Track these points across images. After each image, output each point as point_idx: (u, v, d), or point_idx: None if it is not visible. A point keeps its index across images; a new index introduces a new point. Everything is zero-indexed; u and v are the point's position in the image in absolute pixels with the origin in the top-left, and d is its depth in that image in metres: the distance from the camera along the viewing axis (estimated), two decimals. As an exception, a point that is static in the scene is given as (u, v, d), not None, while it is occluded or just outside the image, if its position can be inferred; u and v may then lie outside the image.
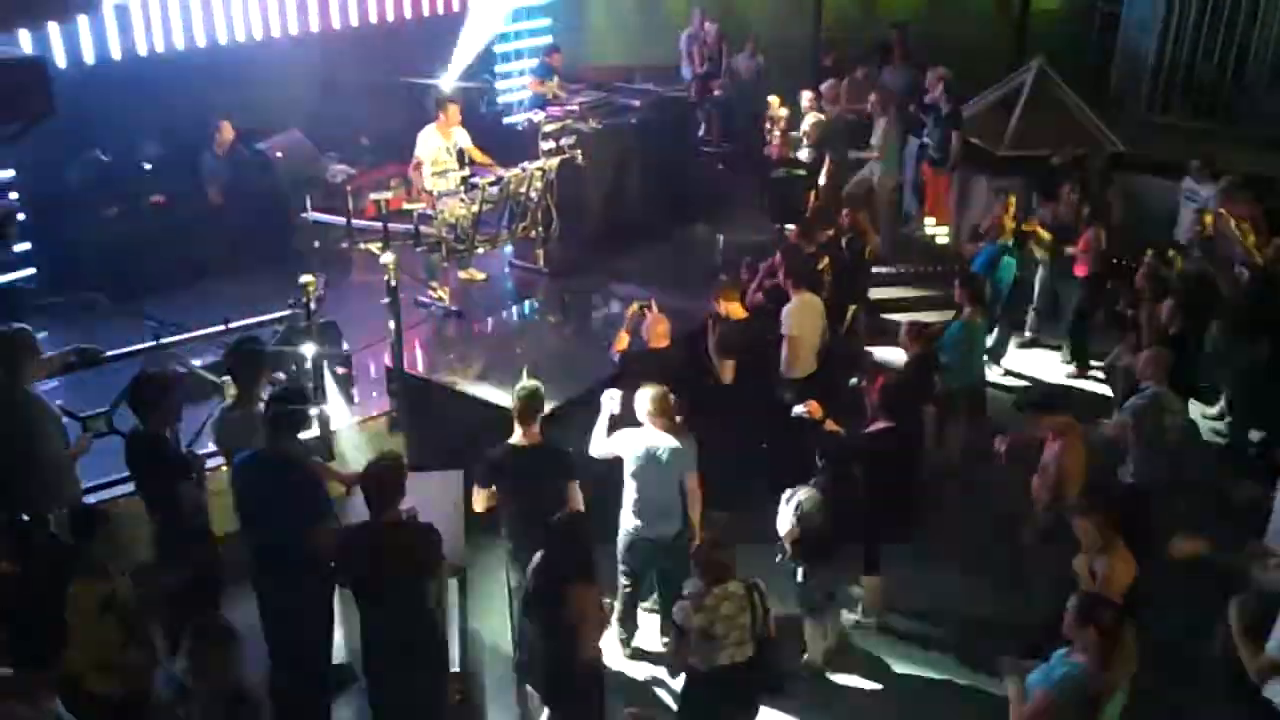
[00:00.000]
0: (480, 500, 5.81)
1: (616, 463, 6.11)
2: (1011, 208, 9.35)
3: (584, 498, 5.78)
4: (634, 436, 6.03)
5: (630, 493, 6.10)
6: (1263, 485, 6.68)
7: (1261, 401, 8.37)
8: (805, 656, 6.37)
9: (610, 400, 6.13)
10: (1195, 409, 8.30)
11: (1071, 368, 9.79)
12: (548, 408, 6.12)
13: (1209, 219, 9.01)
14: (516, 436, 5.83)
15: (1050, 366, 9.97)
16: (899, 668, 6.51)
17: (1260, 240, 8.80)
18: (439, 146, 9.46)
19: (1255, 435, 8.61)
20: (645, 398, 5.95)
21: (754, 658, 5.06)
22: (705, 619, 4.94)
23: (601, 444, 6.12)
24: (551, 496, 5.58)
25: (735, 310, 7.60)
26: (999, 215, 9.25)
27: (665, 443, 5.95)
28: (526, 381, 5.96)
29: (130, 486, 6.08)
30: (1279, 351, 8.12)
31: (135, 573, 5.34)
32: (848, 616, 6.77)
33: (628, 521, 6.16)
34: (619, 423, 6.16)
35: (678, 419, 6.02)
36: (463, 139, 9.63)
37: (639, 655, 6.51)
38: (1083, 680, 4.43)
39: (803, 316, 7.69)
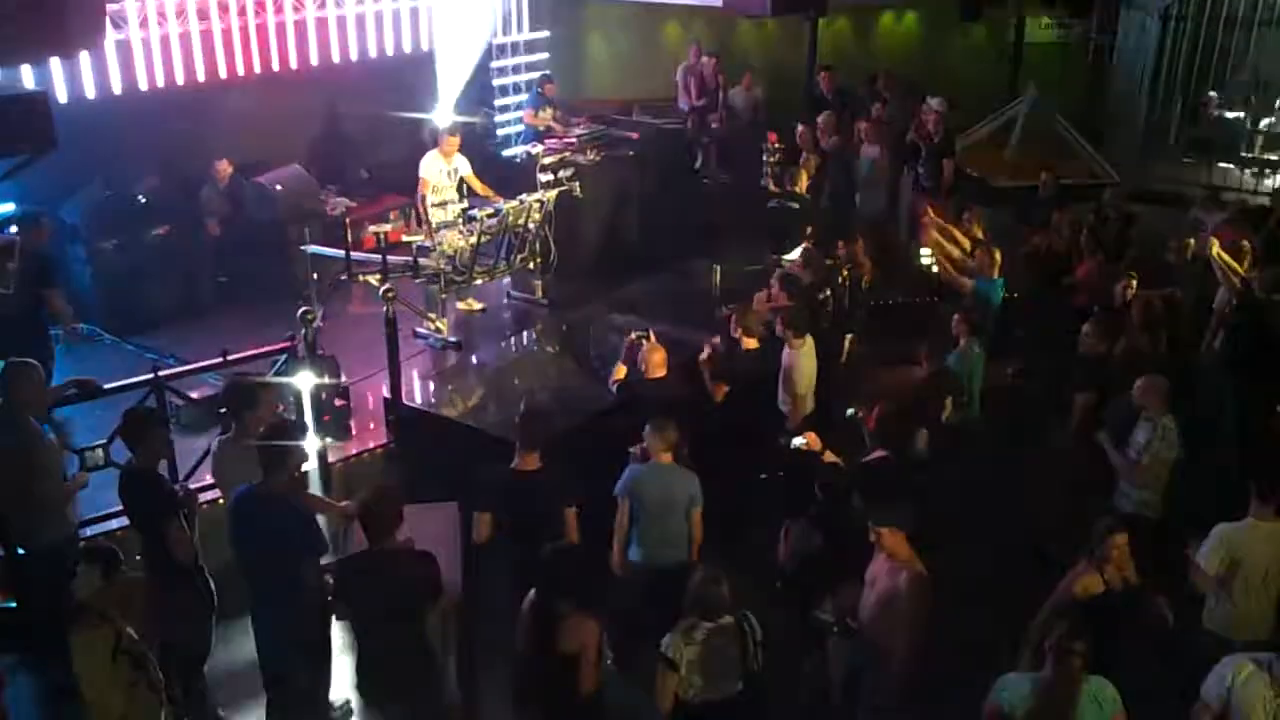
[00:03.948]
0: (482, 527, 5.79)
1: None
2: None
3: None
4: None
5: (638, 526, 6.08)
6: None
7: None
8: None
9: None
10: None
11: None
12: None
13: (1190, 242, 8.97)
14: (515, 461, 5.84)
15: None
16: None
17: (1247, 266, 8.76)
18: (441, 170, 9.64)
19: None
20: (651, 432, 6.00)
21: (742, 691, 5.02)
22: (694, 652, 4.92)
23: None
24: (550, 524, 5.57)
25: (749, 341, 7.58)
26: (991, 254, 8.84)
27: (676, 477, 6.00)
28: (525, 407, 5.96)
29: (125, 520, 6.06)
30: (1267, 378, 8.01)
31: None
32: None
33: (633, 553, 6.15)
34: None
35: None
36: (463, 166, 9.76)
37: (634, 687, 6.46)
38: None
39: (801, 370, 7.48)
